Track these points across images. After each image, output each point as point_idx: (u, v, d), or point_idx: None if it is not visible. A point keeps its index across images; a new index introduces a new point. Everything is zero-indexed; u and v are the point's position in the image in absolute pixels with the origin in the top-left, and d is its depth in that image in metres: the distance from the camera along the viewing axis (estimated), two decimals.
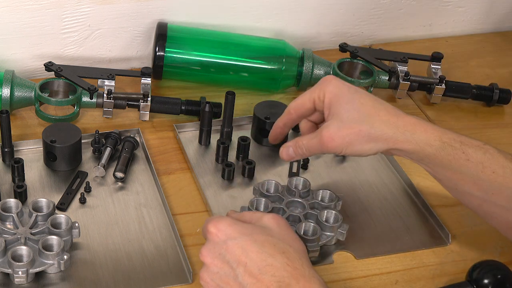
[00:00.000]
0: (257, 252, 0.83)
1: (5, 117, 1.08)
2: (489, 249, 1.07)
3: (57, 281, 0.97)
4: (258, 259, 0.82)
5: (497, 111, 1.35)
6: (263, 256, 0.82)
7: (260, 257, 0.82)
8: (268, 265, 0.82)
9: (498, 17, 1.57)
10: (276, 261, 0.82)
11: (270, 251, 0.83)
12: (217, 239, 0.86)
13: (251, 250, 0.83)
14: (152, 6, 1.32)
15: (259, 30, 1.39)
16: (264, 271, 0.82)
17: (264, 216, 0.90)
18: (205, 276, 0.87)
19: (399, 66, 1.32)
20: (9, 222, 1.00)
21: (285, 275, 0.81)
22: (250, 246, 0.83)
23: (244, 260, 0.83)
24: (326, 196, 1.07)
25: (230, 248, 0.84)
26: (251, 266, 0.82)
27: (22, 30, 1.27)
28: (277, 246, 0.83)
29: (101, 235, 1.03)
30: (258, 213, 0.92)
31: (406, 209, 1.12)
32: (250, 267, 0.82)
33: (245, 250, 0.83)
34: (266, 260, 0.82)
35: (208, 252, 0.86)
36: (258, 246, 0.83)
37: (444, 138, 0.96)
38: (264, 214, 0.91)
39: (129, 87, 1.29)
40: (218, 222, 0.87)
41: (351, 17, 1.46)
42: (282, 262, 0.82)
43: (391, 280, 1.02)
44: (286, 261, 0.82)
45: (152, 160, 1.15)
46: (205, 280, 0.87)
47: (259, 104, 1.21)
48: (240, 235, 0.84)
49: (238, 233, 0.85)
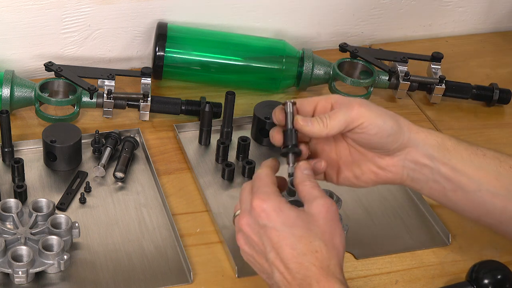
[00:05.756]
0: (290, 247, 0.83)
1: (5, 117, 1.08)
2: (489, 249, 1.07)
3: (57, 281, 0.97)
4: (289, 254, 0.83)
5: (497, 111, 1.35)
6: (295, 253, 0.83)
7: (291, 253, 0.83)
8: (296, 262, 0.83)
9: (498, 17, 1.57)
10: (305, 260, 0.82)
11: (303, 248, 0.83)
12: (259, 218, 0.85)
13: (285, 243, 0.83)
14: (152, 6, 1.32)
15: (259, 30, 1.39)
16: (292, 267, 0.83)
17: (316, 201, 0.86)
18: (241, 241, 0.88)
19: (399, 66, 1.32)
20: (9, 222, 1.00)
21: (309, 274, 0.82)
22: (286, 239, 0.83)
23: (278, 249, 0.84)
24: None
25: (268, 233, 0.84)
26: (282, 256, 0.83)
27: (22, 30, 1.27)
28: (312, 244, 0.83)
29: (101, 235, 1.03)
30: (314, 192, 0.87)
31: (406, 209, 1.12)
32: (281, 256, 0.84)
33: (280, 241, 0.84)
34: (296, 257, 0.83)
35: (247, 225, 0.86)
36: (294, 241, 0.83)
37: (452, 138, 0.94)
38: (317, 197, 0.86)
39: (129, 87, 1.29)
40: (265, 202, 0.85)
41: (351, 17, 1.46)
42: (310, 262, 0.82)
43: (391, 280, 1.02)
44: (314, 261, 0.82)
45: (152, 160, 1.15)
46: (241, 243, 0.88)
47: (259, 104, 1.21)
48: (281, 225, 0.84)
49: (280, 223, 0.84)
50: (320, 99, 0.93)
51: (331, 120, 0.89)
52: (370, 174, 0.95)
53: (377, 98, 1.35)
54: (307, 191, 0.87)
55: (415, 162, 0.93)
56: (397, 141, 0.91)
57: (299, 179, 0.89)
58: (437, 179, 0.93)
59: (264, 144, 1.21)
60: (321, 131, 0.89)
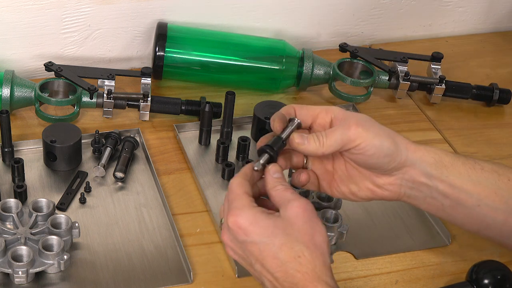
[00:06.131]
0: (273, 257, 0.84)
1: (5, 117, 1.08)
2: (489, 249, 1.07)
3: (57, 281, 0.97)
4: (273, 264, 0.84)
5: (497, 111, 1.35)
6: (278, 262, 0.83)
7: (275, 262, 0.83)
8: (281, 271, 0.83)
9: (498, 17, 1.57)
10: (290, 268, 0.83)
11: (285, 256, 0.83)
12: (237, 235, 0.85)
13: (267, 255, 0.84)
14: (152, 6, 1.32)
15: (259, 30, 1.39)
16: (278, 276, 0.84)
17: (290, 203, 0.85)
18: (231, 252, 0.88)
19: (399, 66, 1.32)
20: (9, 222, 1.00)
21: (295, 281, 0.83)
22: (267, 250, 0.84)
23: (261, 260, 0.84)
24: (326, 196, 1.07)
25: (249, 247, 0.85)
26: (267, 267, 0.84)
27: (22, 30, 1.27)
28: (294, 250, 0.83)
29: (101, 235, 1.03)
30: (287, 194, 0.86)
31: (406, 209, 1.12)
32: (266, 267, 0.84)
33: (261, 253, 0.84)
34: (280, 266, 0.83)
35: (229, 240, 0.87)
36: (275, 251, 0.83)
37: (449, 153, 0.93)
38: (290, 199, 0.86)
39: (129, 87, 1.29)
40: (239, 217, 0.85)
41: (351, 17, 1.46)
42: (294, 269, 0.83)
43: (391, 280, 1.02)
44: (298, 267, 0.83)
45: (152, 160, 1.15)
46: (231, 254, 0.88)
47: (259, 104, 1.21)
48: (259, 237, 0.84)
49: (257, 235, 0.84)
50: (321, 111, 0.92)
51: (327, 139, 0.88)
52: (367, 191, 0.94)
53: (377, 98, 1.35)
54: (279, 196, 0.87)
55: (412, 181, 0.92)
56: (394, 161, 0.90)
57: (270, 185, 0.88)
58: (435, 196, 0.93)
59: None
60: (317, 150, 0.89)
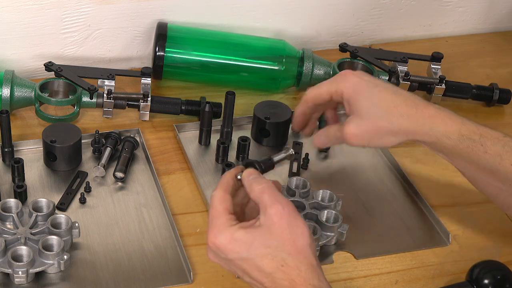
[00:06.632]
0: (257, 269, 0.84)
1: (5, 117, 1.08)
2: (489, 249, 1.07)
3: (57, 281, 0.97)
4: (259, 276, 0.84)
5: (497, 111, 1.35)
6: (263, 274, 0.84)
7: (260, 274, 0.84)
8: (269, 281, 0.84)
9: (498, 17, 1.57)
10: (276, 277, 0.83)
11: (268, 267, 0.83)
12: (219, 253, 0.86)
13: (252, 269, 0.84)
14: (152, 6, 1.32)
15: (259, 30, 1.39)
16: (268, 285, 0.84)
17: (267, 211, 0.85)
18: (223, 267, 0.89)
19: (399, 66, 1.32)
20: (9, 222, 1.00)
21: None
22: (251, 264, 0.84)
23: (248, 273, 0.85)
24: (326, 196, 1.07)
25: (233, 263, 0.86)
26: (255, 279, 0.85)
27: (22, 30, 1.27)
28: (276, 259, 0.83)
29: (101, 235, 1.03)
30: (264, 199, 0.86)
31: (406, 209, 1.12)
32: (255, 279, 0.85)
33: (246, 267, 0.85)
34: (267, 277, 0.84)
35: (214, 257, 0.88)
36: (258, 264, 0.84)
37: (463, 131, 0.97)
38: (267, 206, 0.85)
39: (129, 87, 1.29)
40: (217, 237, 0.85)
41: (351, 17, 1.46)
42: (280, 278, 0.83)
43: (391, 280, 1.02)
44: (283, 276, 0.83)
45: (152, 160, 1.15)
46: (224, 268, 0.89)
47: (259, 104, 1.21)
48: (240, 254, 0.84)
49: (236, 253, 0.85)
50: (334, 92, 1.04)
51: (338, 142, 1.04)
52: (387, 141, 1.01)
53: None
54: (258, 199, 0.87)
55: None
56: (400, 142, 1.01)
57: (248, 189, 0.89)
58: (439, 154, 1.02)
59: (264, 144, 1.21)
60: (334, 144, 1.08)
